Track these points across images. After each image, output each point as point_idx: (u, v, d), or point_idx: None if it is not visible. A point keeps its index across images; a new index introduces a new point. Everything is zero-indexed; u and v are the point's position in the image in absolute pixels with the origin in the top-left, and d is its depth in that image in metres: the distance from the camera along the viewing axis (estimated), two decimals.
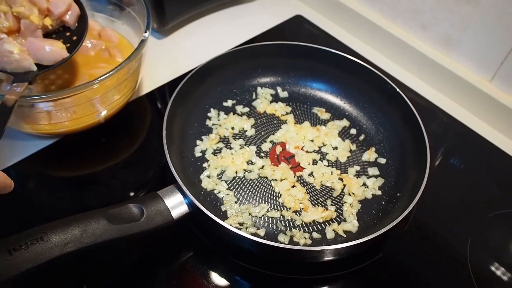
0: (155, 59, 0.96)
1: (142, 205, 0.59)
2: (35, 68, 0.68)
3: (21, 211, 0.71)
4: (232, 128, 0.81)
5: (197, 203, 0.60)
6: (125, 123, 0.84)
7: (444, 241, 0.71)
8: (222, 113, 0.83)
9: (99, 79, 0.67)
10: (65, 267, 0.64)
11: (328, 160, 0.77)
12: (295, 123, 0.83)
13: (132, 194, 0.74)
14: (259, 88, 0.88)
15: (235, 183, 0.73)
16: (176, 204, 0.61)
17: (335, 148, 0.79)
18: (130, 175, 0.77)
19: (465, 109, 0.92)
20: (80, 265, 0.64)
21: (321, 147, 0.79)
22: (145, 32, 0.74)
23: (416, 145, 0.73)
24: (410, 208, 0.63)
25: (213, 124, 0.81)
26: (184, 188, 0.61)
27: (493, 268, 0.68)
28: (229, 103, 0.85)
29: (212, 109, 0.83)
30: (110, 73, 0.67)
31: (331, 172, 0.75)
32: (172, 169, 0.64)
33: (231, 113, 0.83)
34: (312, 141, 0.80)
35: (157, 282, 0.63)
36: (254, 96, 0.87)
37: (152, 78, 0.92)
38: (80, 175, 0.77)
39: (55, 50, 0.69)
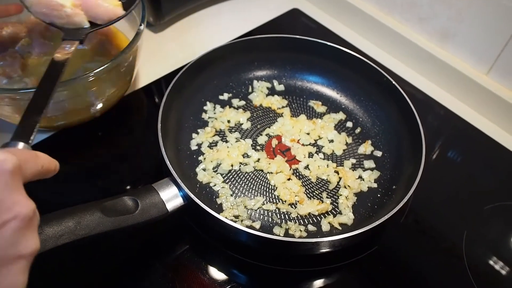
0: (151, 53, 0.95)
1: (137, 198, 0.59)
2: (87, 24, 0.63)
3: None
4: (228, 121, 0.81)
5: (192, 196, 0.60)
6: (122, 116, 0.84)
7: (440, 234, 0.71)
8: (218, 106, 0.83)
9: (94, 72, 0.67)
10: (59, 261, 0.64)
11: (324, 153, 0.77)
12: (291, 116, 0.82)
13: (128, 187, 0.74)
14: (255, 81, 0.88)
15: (231, 176, 0.73)
16: (171, 196, 0.61)
17: (331, 141, 0.79)
18: (126, 169, 0.77)
19: (462, 102, 0.92)
20: (75, 258, 0.64)
21: (317, 140, 0.79)
22: (140, 25, 0.74)
23: (412, 138, 0.73)
24: (405, 200, 0.62)
25: (209, 117, 0.81)
26: (179, 180, 0.61)
27: (488, 261, 0.68)
28: (225, 96, 0.85)
29: (208, 102, 0.83)
30: (105, 66, 0.67)
31: (327, 165, 0.75)
32: (167, 162, 0.64)
33: (227, 106, 0.83)
34: (308, 134, 0.80)
35: (153, 275, 0.64)
36: (250, 89, 0.87)
37: (148, 72, 0.92)
38: (76, 169, 0.77)
39: (109, 7, 0.64)
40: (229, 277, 0.64)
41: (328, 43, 0.84)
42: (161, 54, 0.97)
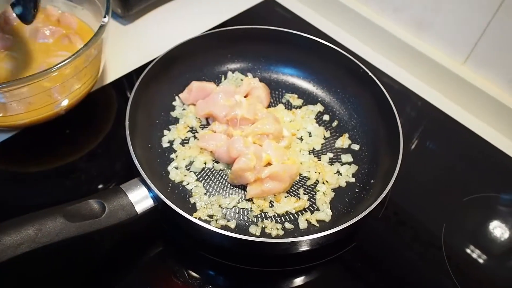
0: (120, 46, 0.91)
1: (103, 201, 0.55)
2: None
3: None
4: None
5: (162, 197, 0.57)
6: (89, 113, 0.80)
7: (419, 227, 0.70)
8: None
9: (56, 67, 0.63)
10: (19, 270, 0.60)
11: (302, 149, 0.75)
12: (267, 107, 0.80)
13: (95, 188, 0.70)
14: (229, 73, 0.85)
15: (204, 174, 0.71)
16: (140, 198, 0.58)
17: (310, 135, 0.77)
18: (95, 169, 0.74)
19: (439, 92, 0.91)
20: (37, 266, 0.61)
21: (296, 133, 0.77)
22: (104, 17, 0.70)
23: (390, 131, 0.72)
24: (383, 195, 0.61)
25: (179, 113, 0.78)
26: (148, 181, 0.58)
27: (467, 252, 0.68)
28: None
29: (177, 98, 0.80)
30: (67, 61, 0.63)
31: (310, 160, 0.73)
32: (135, 161, 0.61)
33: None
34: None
35: (125, 279, 0.61)
36: (223, 80, 0.84)
37: (117, 66, 0.88)
38: (40, 170, 0.73)
39: None
40: (205, 280, 0.62)
41: (303, 34, 0.82)
42: (130, 46, 0.93)
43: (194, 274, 0.62)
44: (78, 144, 0.77)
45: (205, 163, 0.71)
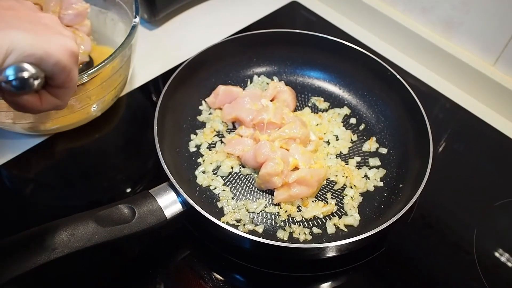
0: (147, 51, 0.92)
1: (133, 205, 0.56)
2: None
3: (6, 214, 0.69)
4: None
5: (191, 202, 0.58)
6: (119, 118, 0.82)
7: (450, 232, 0.69)
8: None
9: (97, 67, 0.64)
10: (53, 272, 0.61)
11: (329, 152, 0.74)
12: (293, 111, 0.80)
13: (124, 193, 0.71)
14: (255, 77, 0.85)
15: (231, 179, 0.71)
16: (169, 203, 0.59)
17: (337, 138, 0.76)
18: (123, 173, 0.75)
19: (468, 94, 0.89)
20: (69, 269, 0.62)
21: (324, 135, 0.77)
22: (135, 17, 0.71)
23: (418, 134, 0.71)
24: (413, 200, 0.60)
25: (206, 117, 0.78)
26: (177, 186, 0.59)
27: (499, 257, 0.66)
28: None
29: (204, 102, 0.80)
30: (105, 62, 0.64)
31: (337, 164, 0.73)
32: (164, 166, 0.61)
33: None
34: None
35: (153, 283, 0.61)
36: (249, 84, 0.84)
37: (144, 71, 0.89)
38: (70, 175, 0.74)
39: None
40: (232, 284, 0.62)
41: (329, 37, 0.82)
42: (157, 52, 0.94)
43: (221, 278, 0.63)
44: (105, 149, 0.78)
45: (232, 168, 0.71)
